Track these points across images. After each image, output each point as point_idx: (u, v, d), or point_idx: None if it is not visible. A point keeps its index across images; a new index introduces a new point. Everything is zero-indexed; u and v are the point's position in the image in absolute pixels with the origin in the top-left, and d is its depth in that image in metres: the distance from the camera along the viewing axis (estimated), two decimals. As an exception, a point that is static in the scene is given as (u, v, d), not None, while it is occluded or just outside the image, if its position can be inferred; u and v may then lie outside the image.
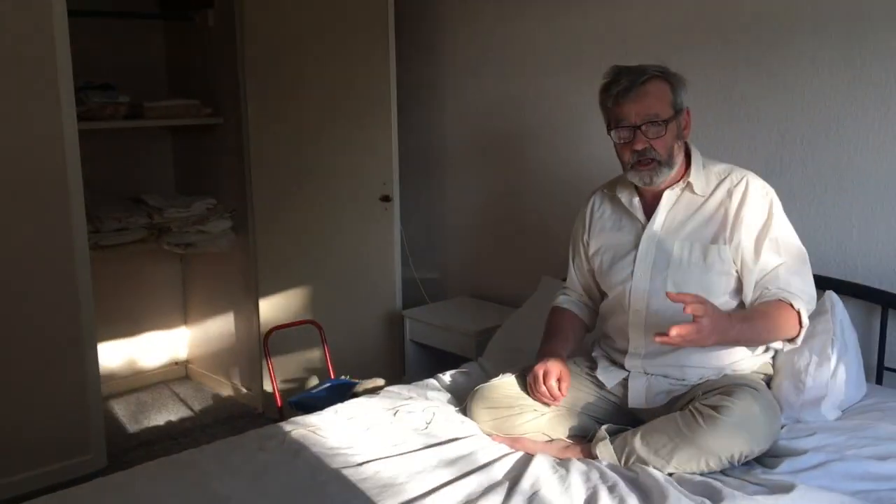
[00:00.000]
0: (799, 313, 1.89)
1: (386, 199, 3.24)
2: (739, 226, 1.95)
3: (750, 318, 1.89)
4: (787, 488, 1.63)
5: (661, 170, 1.98)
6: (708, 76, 2.47)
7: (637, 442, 1.82)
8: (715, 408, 1.75)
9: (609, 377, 2.08)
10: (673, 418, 1.82)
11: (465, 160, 3.32)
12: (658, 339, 1.71)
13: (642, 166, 1.98)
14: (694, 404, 1.81)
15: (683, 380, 2.00)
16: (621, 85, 1.96)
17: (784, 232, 1.97)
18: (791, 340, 1.94)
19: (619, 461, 1.84)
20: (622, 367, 2.08)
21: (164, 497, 1.70)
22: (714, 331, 1.74)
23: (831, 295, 2.08)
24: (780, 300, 1.91)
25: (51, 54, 2.89)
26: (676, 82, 1.99)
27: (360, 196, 3.33)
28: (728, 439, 1.73)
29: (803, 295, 1.93)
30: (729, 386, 1.84)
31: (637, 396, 2.03)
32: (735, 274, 1.98)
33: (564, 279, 2.77)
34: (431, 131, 3.42)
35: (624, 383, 2.06)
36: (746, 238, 1.95)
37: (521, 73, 3.04)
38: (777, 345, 1.98)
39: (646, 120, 1.94)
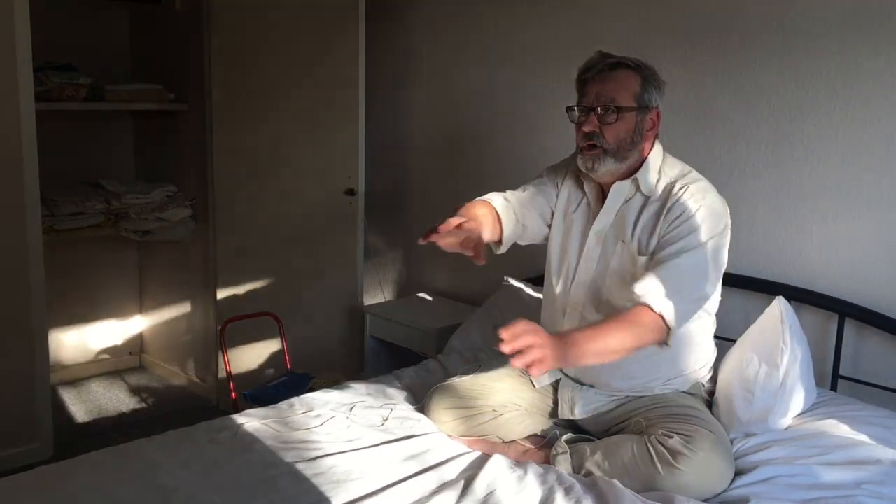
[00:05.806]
0: (662, 316, 1.76)
1: (350, 192, 3.20)
2: (657, 232, 1.88)
3: (593, 337, 1.72)
4: (742, 501, 1.66)
5: (605, 159, 1.92)
6: (675, 81, 2.47)
7: (594, 466, 1.80)
8: (674, 454, 1.71)
9: (539, 377, 2.04)
10: (629, 447, 1.78)
11: (432, 155, 3.30)
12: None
13: (587, 150, 1.93)
14: (651, 440, 1.76)
15: (612, 396, 1.98)
16: (591, 66, 1.94)
17: (699, 253, 1.82)
18: (662, 344, 1.81)
19: (578, 472, 1.83)
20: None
21: (108, 487, 1.66)
22: (554, 354, 1.61)
23: (781, 301, 1.98)
24: (638, 305, 1.77)
25: (9, 32, 2.82)
26: (649, 77, 1.94)
27: (325, 188, 3.29)
28: (685, 487, 1.70)
29: (669, 300, 1.77)
30: (684, 424, 1.79)
31: (565, 408, 2.03)
32: None
33: (529, 279, 2.77)
34: (399, 124, 3.39)
35: (555, 389, 2.05)
36: (655, 239, 1.88)
37: (491, 69, 3.03)
38: (652, 348, 1.82)
39: (601, 103, 1.90)
